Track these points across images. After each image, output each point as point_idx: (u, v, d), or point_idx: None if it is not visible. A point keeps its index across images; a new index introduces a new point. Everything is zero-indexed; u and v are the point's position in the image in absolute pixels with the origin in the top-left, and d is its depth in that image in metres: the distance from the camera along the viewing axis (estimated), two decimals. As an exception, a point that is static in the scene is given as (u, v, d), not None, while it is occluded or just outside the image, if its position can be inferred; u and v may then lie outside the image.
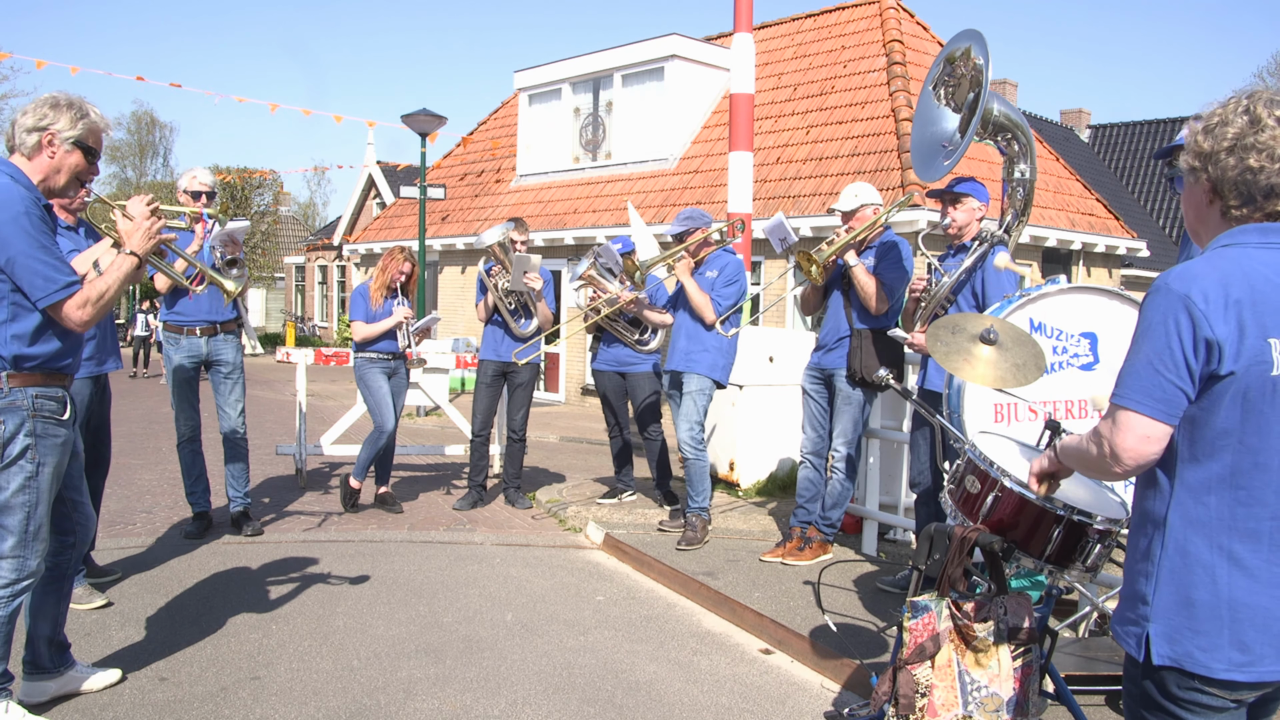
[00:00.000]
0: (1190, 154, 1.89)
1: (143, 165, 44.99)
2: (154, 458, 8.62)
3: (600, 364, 6.90)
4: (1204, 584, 1.78)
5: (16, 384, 2.98)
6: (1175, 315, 1.76)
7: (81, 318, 3.01)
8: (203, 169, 5.64)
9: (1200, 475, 1.80)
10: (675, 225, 5.89)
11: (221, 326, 5.63)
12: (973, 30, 4.29)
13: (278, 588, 4.90)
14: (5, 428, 2.97)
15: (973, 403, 3.86)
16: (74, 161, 3.12)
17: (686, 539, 5.74)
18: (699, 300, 5.66)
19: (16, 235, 2.88)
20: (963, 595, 2.76)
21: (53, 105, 3.05)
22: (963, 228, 4.56)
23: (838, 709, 3.64)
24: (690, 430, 5.72)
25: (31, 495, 3.04)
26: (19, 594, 3.08)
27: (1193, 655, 1.77)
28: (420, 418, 12.57)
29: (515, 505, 7.01)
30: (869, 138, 12.38)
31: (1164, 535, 1.83)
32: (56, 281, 2.95)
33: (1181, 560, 1.80)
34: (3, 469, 2.99)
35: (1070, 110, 27.25)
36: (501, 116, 19.55)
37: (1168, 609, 1.80)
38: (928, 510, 4.68)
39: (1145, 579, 1.85)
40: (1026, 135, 4.43)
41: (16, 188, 2.94)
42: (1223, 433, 1.77)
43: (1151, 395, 1.78)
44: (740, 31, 7.67)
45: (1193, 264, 1.80)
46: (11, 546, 3.03)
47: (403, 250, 6.62)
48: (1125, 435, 1.81)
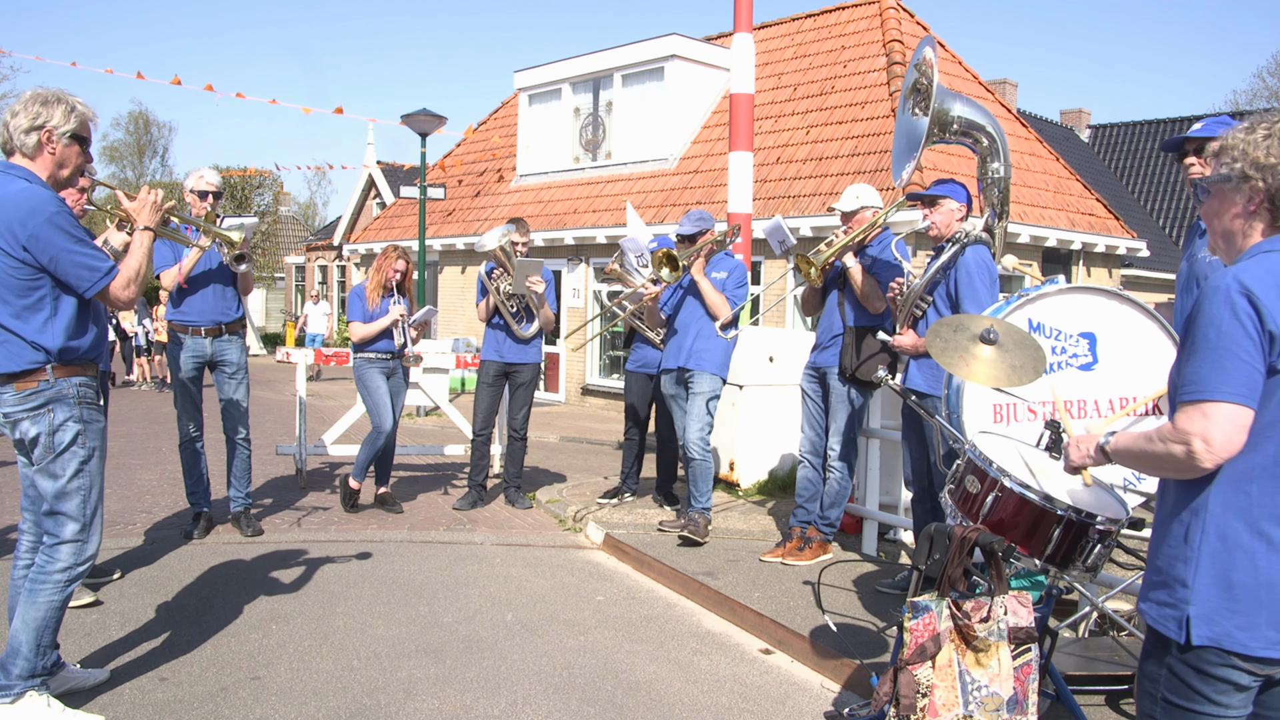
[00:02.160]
0: (1246, 162, 1.93)
1: (141, 165, 45.01)
2: (154, 458, 8.61)
3: (631, 365, 6.91)
4: (1244, 567, 1.86)
5: (61, 375, 3.15)
6: (1242, 307, 1.83)
7: (128, 295, 3.24)
8: (209, 169, 5.64)
9: (1243, 464, 1.87)
10: (688, 225, 5.88)
11: (227, 327, 5.63)
12: (928, 36, 4.45)
13: (278, 588, 4.90)
14: (55, 416, 3.14)
15: (972, 403, 3.87)
16: (74, 153, 3.23)
17: (689, 534, 5.76)
18: (714, 299, 5.66)
19: (55, 234, 3.05)
20: (963, 595, 2.76)
21: (42, 103, 3.14)
22: (942, 229, 4.58)
23: (838, 709, 3.65)
24: (701, 431, 5.74)
25: (86, 480, 3.21)
26: (76, 579, 3.23)
27: (1232, 635, 1.85)
28: (420, 418, 12.57)
29: (515, 505, 7.01)
30: (869, 138, 12.38)
31: (1204, 521, 1.90)
32: (99, 270, 3.15)
33: (1222, 545, 1.88)
34: (56, 457, 3.15)
35: (1070, 110, 27.23)
36: (501, 116, 19.55)
37: (1208, 591, 1.88)
38: (923, 509, 4.69)
39: (1184, 563, 1.92)
40: (994, 133, 4.47)
41: (43, 190, 3.10)
42: (1270, 424, 1.86)
43: (1241, 383, 1.84)
44: (740, 31, 7.67)
45: (1246, 266, 1.88)
46: (73, 532, 3.20)
47: (396, 249, 6.61)
48: (1222, 427, 1.84)
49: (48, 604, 3.15)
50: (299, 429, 7.61)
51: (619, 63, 15.32)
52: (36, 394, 3.11)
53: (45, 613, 3.14)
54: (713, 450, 5.87)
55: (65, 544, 3.18)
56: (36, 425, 3.13)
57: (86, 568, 3.26)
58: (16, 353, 3.08)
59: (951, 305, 4.45)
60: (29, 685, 3.13)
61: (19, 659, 3.12)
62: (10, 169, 3.11)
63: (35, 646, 3.13)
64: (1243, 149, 1.94)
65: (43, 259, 3.05)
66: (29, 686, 3.13)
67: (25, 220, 3.01)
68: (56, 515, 3.18)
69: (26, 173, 3.11)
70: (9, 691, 3.11)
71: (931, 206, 4.60)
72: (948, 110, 4.40)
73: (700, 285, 5.69)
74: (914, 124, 4.70)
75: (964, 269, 4.40)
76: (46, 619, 3.15)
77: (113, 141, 45.00)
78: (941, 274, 4.50)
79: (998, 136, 4.50)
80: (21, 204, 3.02)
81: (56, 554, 3.18)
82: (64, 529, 3.18)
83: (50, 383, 3.12)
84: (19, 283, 3.05)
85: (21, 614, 3.14)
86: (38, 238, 3.02)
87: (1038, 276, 4.14)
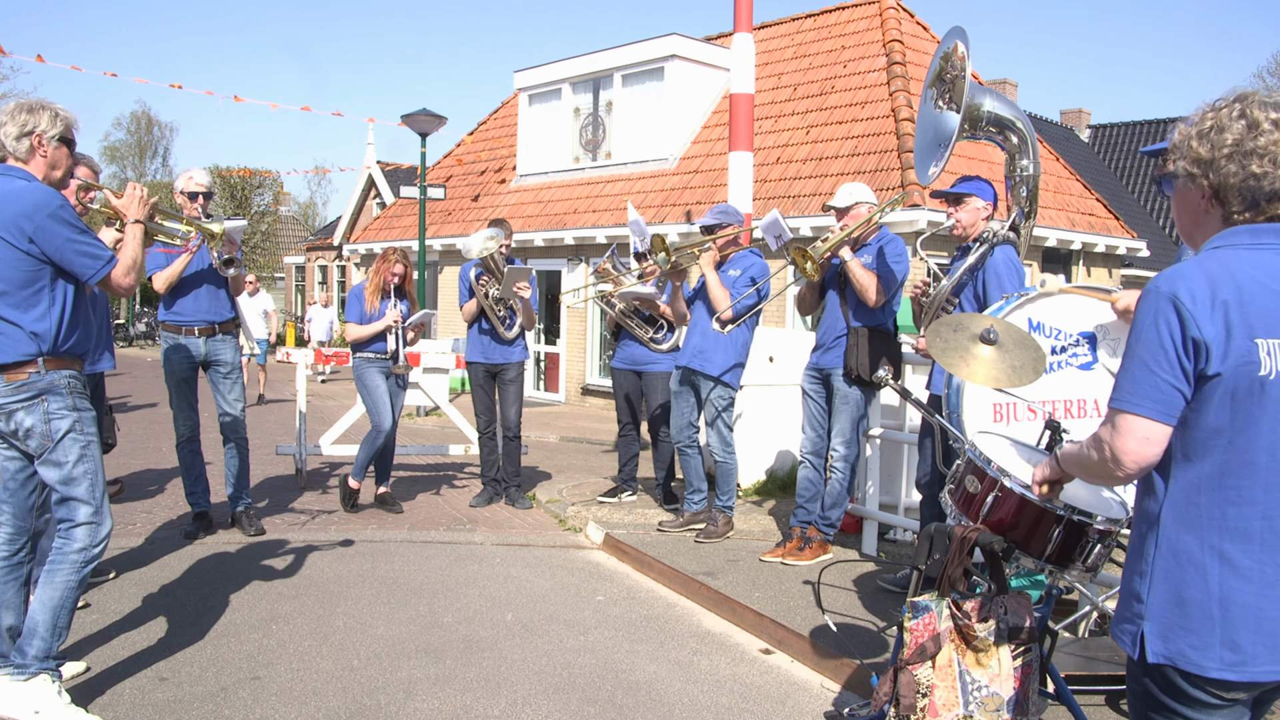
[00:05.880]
0: (1187, 159, 1.87)
1: (142, 165, 45.02)
2: (154, 458, 8.61)
3: (617, 362, 6.92)
4: (1196, 583, 1.78)
5: (52, 367, 3.26)
6: (1165, 315, 1.76)
7: (129, 283, 3.44)
8: (199, 170, 5.61)
9: (1191, 475, 1.81)
10: (708, 217, 5.86)
11: (220, 327, 5.63)
12: (958, 27, 4.28)
13: (278, 588, 4.90)
14: (49, 405, 3.24)
15: (972, 403, 3.86)
16: (63, 155, 3.38)
17: (706, 532, 5.79)
18: (718, 293, 5.63)
19: (60, 226, 3.20)
20: (963, 595, 2.76)
21: (28, 110, 3.31)
22: (967, 228, 4.49)
23: (838, 709, 3.64)
24: (717, 436, 5.75)
25: (91, 464, 3.33)
26: (92, 560, 3.32)
27: (1185, 654, 1.78)
28: (420, 418, 12.57)
29: (516, 505, 7.01)
30: (869, 138, 12.38)
31: (1158, 534, 1.84)
32: (101, 258, 3.33)
33: (1174, 559, 1.81)
34: (56, 445, 3.25)
35: (1070, 110, 27.24)
36: (501, 116, 19.55)
37: (1161, 608, 1.81)
38: (932, 512, 4.65)
39: (1140, 578, 1.86)
40: (1024, 129, 4.34)
41: (43, 186, 3.26)
42: (1213, 432, 1.78)
43: (1149, 396, 1.78)
44: (740, 31, 7.68)
45: (1181, 266, 1.81)
46: (86, 514, 3.30)
47: (395, 251, 6.58)
48: (1126, 438, 1.81)
49: (65, 584, 3.25)
50: (299, 429, 7.61)
51: (619, 63, 15.32)
52: (28, 385, 3.21)
53: (63, 593, 3.24)
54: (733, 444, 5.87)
55: (80, 526, 3.29)
56: (31, 415, 3.22)
57: (102, 548, 3.35)
58: (12, 344, 3.19)
59: (979, 307, 4.32)
60: (44, 667, 3.22)
61: (36, 639, 3.21)
62: (9, 170, 3.27)
63: (52, 626, 3.23)
64: (1185, 145, 1.88)
65: (49, 250, 3.19)
66: (44, 668, 3.22)
67: (32, 214, 3.15)
68: (68, 501, 3.29)
69: (24, 173, 3.28)
70: (24, 670, 3.20)
71: (957, 205, 4.51)
72: (979, 105, 4.23)
73: (707, 279, 5.68)
74: (939, 119, 4.52)
75: (993, 270, 4.29)
76: (64, 599, 3.25)
77: (114, 141, 44.99)
78: (969, 276, 4.40)
79: (1028, 133, 4.34)
80: (26, 198, 3.17)
81: (73, 536, 3.29)
82: (77, 513, 3.29)
83: (40, 374, 3.22)
84: (21, 274, 3.18)
85: (40, 595, 3.25)
86: (44, 230, 3.17)
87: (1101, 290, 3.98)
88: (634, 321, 6.73)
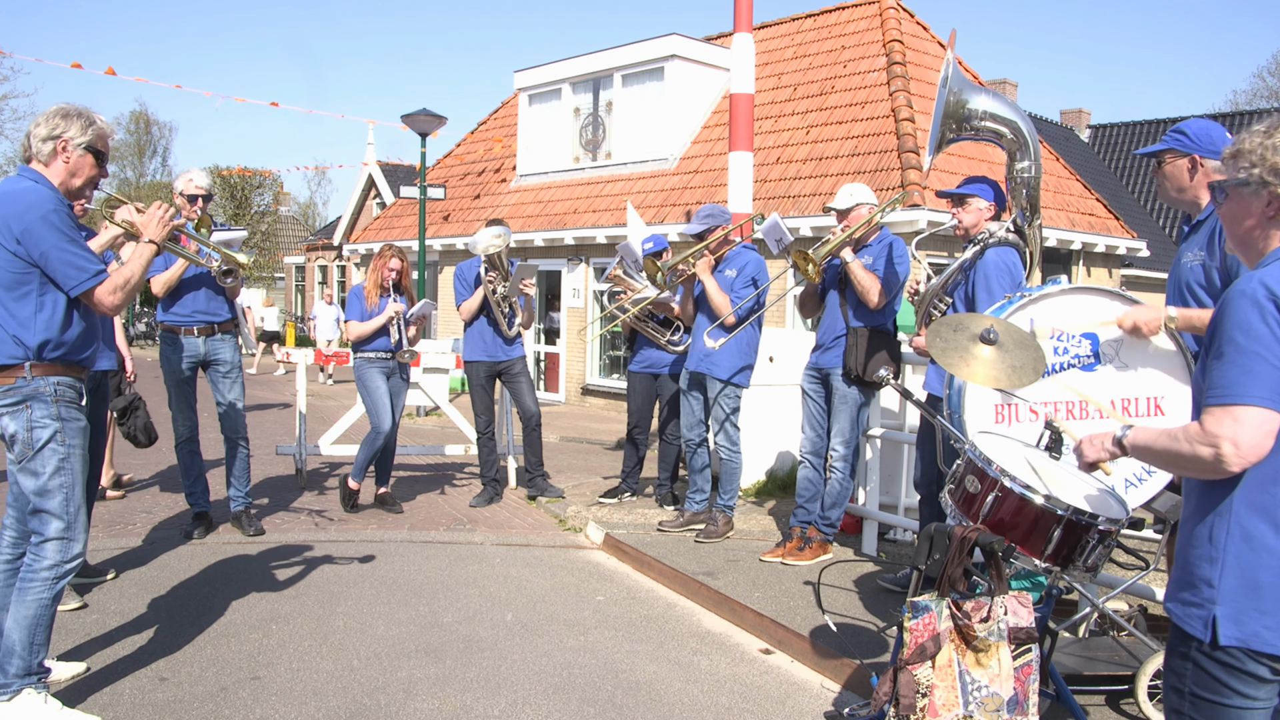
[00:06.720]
0: (1264, 168, 1.93)
1: (142, 165, 44.98)
2: (154, 458, 8.60)
3: (635, 365, 6.94)
4: (1270, 567, 1.87)
5: (39, 373, 3.20)
6: (1271, 312, 1.84)
7: (113, 302, 3.29)
8: (198, 170, 5.61)
9: (1269, 467, 1.88)
10: (695, 223, 5.87)
11: (219, 326, 5.63)
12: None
13: (277, 588, 4.90)
14: (32, 413, 3.19)
15: (973, 403, 3.86)
16: (88, 164, 3.36)
17: (707, 532, 5.80)
18: (719, 300, 5.63)
19: (48, 231, 3.14)
20: (963, 595, 2.76)
21: (63, 116, 3.31)
22: (970, 228, 4.49)
23: (838, 709, 3.64)
24: (723, 435, 5.76)
25: (67, 478, 3.24)
26: (64, 576, 3.24)
27: (1260, 635, 1.87)
28: (420, 418, 12.57)
29: (545, 494, 7.07)
30: (869, 138, 12.38)
31: (1229, 522, 1.92)
32: (87, 270, 3.22)
33: (1248, 546, 1.90)
34: (35, 454, 3.19)
35: (1070, 110, 27.23)
36: (501, 116, 19.54)
37: (1234, 592, 1.89)
38: (931, 512, 4.66)
39: (1210, 564, 1.93)
40: (1022, 128, 4.33)
41: (43, 189, 3.23)
42: None
43: (1271, 388, 1.84)
44: (740, 31, 7.68)
45: (1272, 269, 1.89)
46: (57, 530, 3.22)
47: (390, 248, 6.61)
48: (1251, 431, 1.85)
49: (37, 601, 3.18)
50: (299, 429, 7.61)
51: (619, 63, 15.31)
52: (13, 390, 3.17)
53: (36, 610, 3.18)
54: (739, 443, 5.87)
55: (50, 541, 3.22)
56: (15, 421, 3.19)
57: (75, 565, 3.28)
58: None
59: (968, 308, 4.32)
60: (25, 683, 3.17)
61: (14, 657, 3.16)
62: (24, 171, 3.29)
63: (29, 645, 3.17)
64: (1261, 154, 1.93)
65: (34, 253, 3.14)
66: (26, 684, 3.17)
67: (21, 215, 3.13)
68: (40, 513, 3.22)
69: (36, 175, 3.28)
70: (6, 689, 3.15)
71: (960, 205, 4.52)
72: (965, 103, 4.20)
73: (705, 286, 5.68)
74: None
75: (982, 271, 4.30)
76: (38, 616, 3.19)
77: (113, 141, 44.95)
78: (961, 274, 4.41)
79: (1026, 132, 4.32)
80: (20, 200, 3.16)
81: (42, 552, 3.22)
82: (48, 527, 3.22)
83: (27, 380, 3.17)
84: (8, 275, 3.15)
85: (14, 613, 3.19)
86: (31, 232, 3.13)
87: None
88: (650, 325, 6.73)
